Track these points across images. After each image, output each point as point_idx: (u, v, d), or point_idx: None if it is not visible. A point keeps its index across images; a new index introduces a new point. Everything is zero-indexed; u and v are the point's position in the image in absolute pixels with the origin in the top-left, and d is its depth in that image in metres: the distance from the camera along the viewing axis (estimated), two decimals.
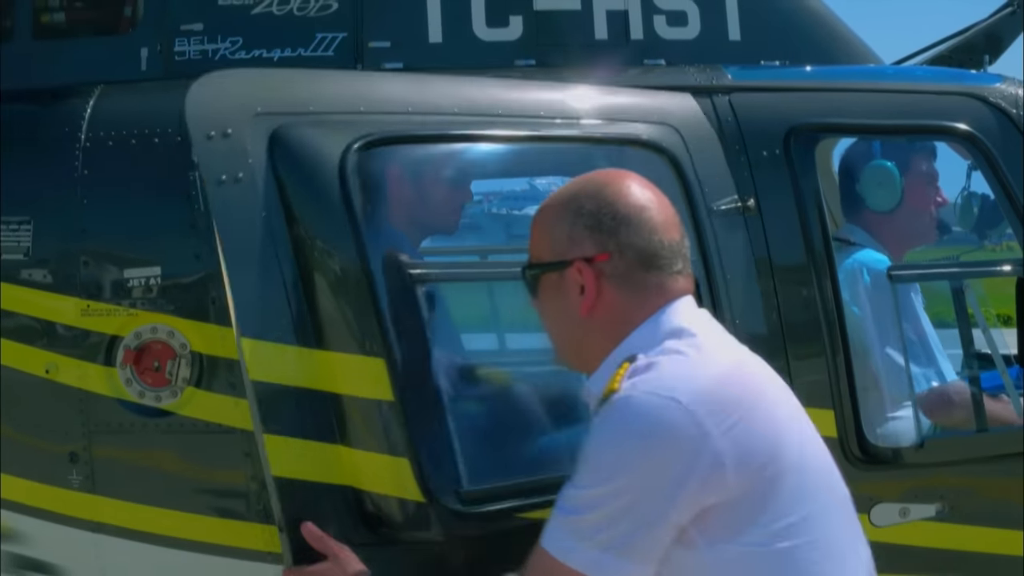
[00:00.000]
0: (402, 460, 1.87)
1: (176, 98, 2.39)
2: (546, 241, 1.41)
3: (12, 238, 2.34)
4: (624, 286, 1.36)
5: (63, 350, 2.31)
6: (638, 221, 1.36)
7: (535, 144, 2.33)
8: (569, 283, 1.38)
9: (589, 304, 1.37)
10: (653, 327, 1.36)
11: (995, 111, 2.50)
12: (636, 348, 1.35)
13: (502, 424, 2.21)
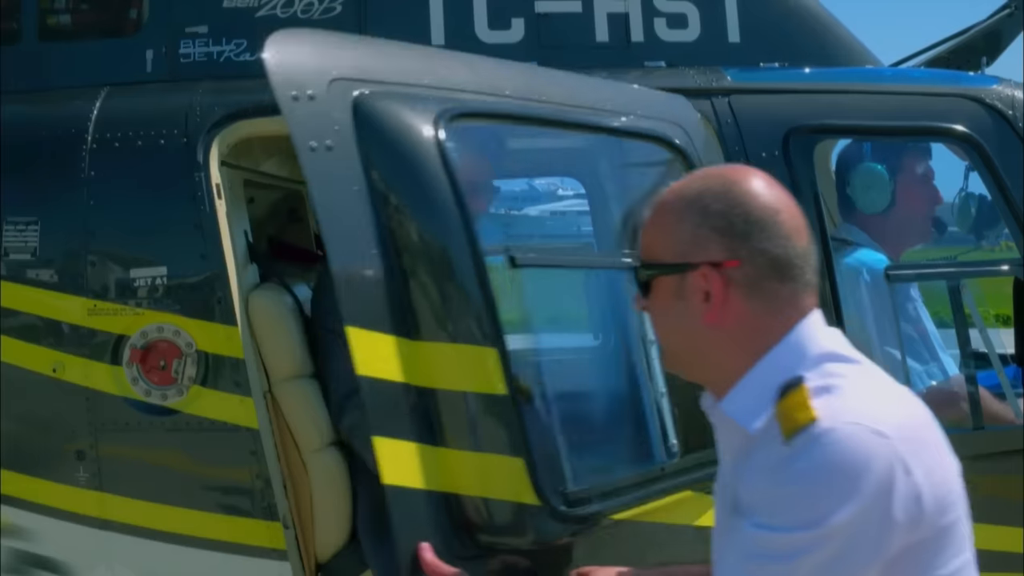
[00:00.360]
0: (516, 460, 1.73)
1: (182, 99, 2.44)
2: (666, 240, 1.28)
3: (19, 238, 2.37)
4: (754, 296, 1.24)
5: (70, 349, 2.34)
6: (772, 225, 1.23)
7: (593, 133, 2.20)
8: (691, 288, 1.25)
9: (715, 312, 1.24)
10: (798, 346, 1.24)
11: (992, 113, 2.53)
12: (788, 368, 1.22)
13: (603, 420, 2.14)
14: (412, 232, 1.76)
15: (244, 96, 2.45)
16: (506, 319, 1.78)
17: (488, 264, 1.77)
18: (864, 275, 2.44)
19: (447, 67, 2.01)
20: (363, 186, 1.73)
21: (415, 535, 1.60)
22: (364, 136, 1.76)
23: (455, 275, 1.76)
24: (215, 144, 2.35)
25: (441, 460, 1.70)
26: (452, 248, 1.76)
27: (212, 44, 2.59)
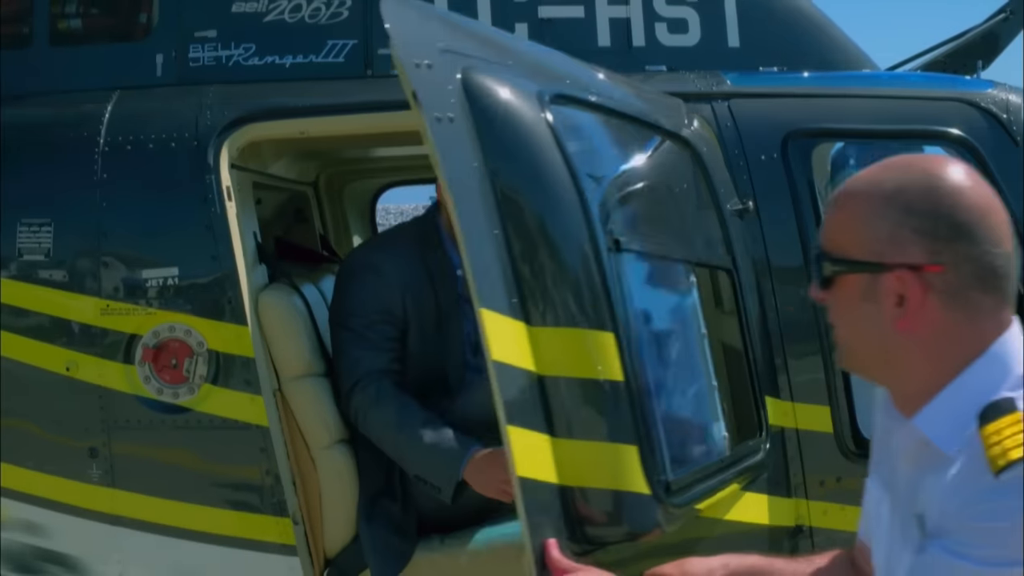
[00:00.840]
0: (631, 448, 1.74)
1: (192, 103, 2.50)
2: (858, 235, 1.17)
3: (33, 239, 2.43)
4: (954, 305, 1.13)
5: (83, 348, 2.40)
6: (980, 228, 1.12)
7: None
8: (884, 290, 1.15)
9: (909, 319, 1.14)
10: (1001, 363, 1.13)
11: (987, 116, 2.59)
12: (990, 388, 1.13)
13: (682, 409, 2.14)
14: (529, 214, 1.75)
15: (253, 100, 2.51)
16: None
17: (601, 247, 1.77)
18: None
19: (526, 51, 2.08)
20: (480, 163, 1.72)
21: (542, 530, 1.59)
22: (476, 111, 1.73)
23: (574, 258, 1.76)
24: (225, 147, 2.41)
25: (563, 451, 1.68)
26: (570, 231, 1.76)
27: (221, 48, 2.64)
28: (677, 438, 1.97)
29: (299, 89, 2.55)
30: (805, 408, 2.37)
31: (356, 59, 2.62)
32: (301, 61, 2.62)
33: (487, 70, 1.81)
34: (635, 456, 1.75)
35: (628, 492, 1.75)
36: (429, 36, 1.78)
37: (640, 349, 1.86)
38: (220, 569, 2.41)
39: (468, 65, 1.78)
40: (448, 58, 1.77)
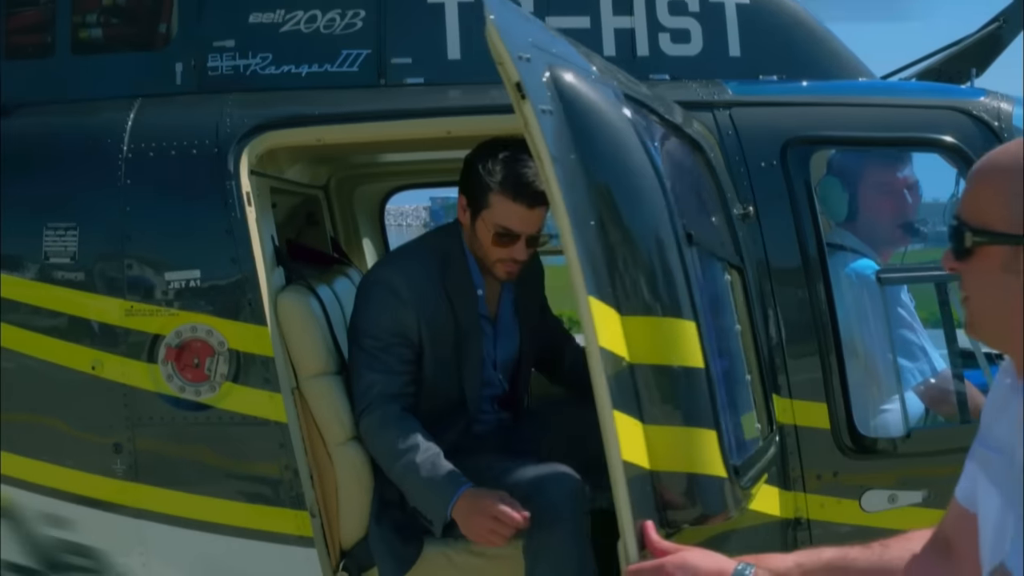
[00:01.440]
0: (711, 432, 1.88)
1: (212, 111, 2.61)
2: (1004, 208, 1.20)
3: (59, 243, 2.54)
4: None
5: (108, 348, 2.51)
6: None
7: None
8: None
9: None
10: None
11: (978, 124, 2.70)
12: None
13: (735, 396, 2.25)
14: (620, 206, 1.90)
15: (271, 108, 2.62)
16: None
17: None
18: (855, 281, 2.62)
19: (583, 50, 2.20)
20: (577, 156, 1.85)
21: (641, 512, 1.72)
22: (567, 106, 1.87)
23: (660, 250, 1.92)
24: (245, 154, 2.52)
25: (652, 436, 1.82)
26: (657, 224, 1.93)
27: (239, 58, 2.75)
28: (734, 425, 2.11)
29: (315, 97, 2.66)
30: (803, 405, 2.49)
31: (370, 68, 2.73)
32: (317, 70, 2.73)
33: (569, 67, 1.97)
34: (714, 440, 1.90)
35: (707, 475, 1.89)
36: (523, 31, 1.92)
37: (710, 338, 2.01)
38: (240, 560, 2.52)
39: (552, 62, 1.92)
40: (538, 54, 1.89)
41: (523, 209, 2.41)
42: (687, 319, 1.92)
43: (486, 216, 2.45)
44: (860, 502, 2.48)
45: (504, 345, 2.66)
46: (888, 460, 2.51)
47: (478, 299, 2.56)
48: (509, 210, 2.42)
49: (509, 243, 2.45)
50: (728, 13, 2.87)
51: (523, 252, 2.47)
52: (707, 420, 1.92)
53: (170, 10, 2.82)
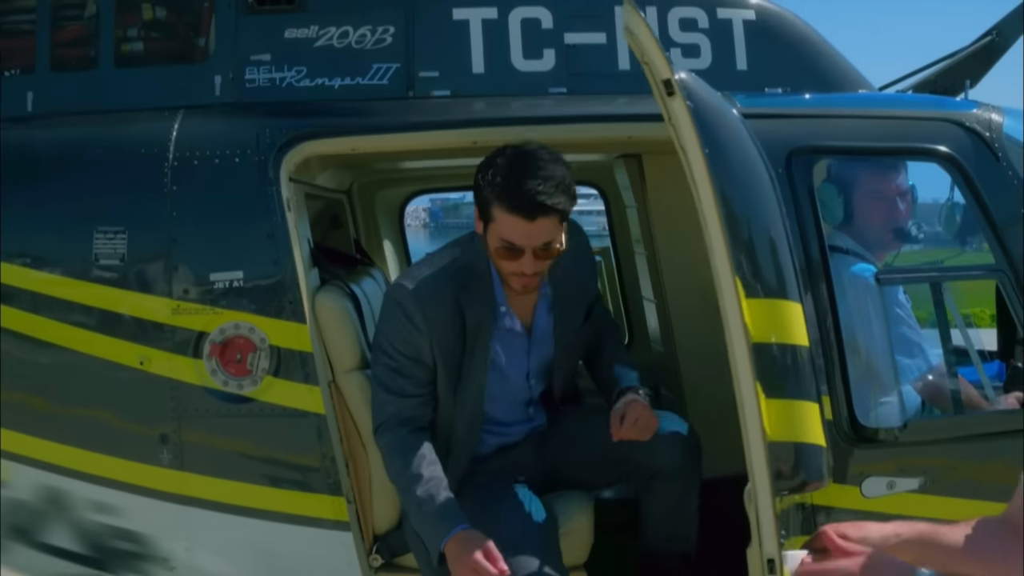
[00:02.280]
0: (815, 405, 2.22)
1: (252, 122, 2.80)
2: None
3: (109, 246, 2.73)
4: None
5: (155, 344, 2.70)
6: None
7: None
8: None
9: None
10: None
11: (971, 134, 2.90)
12: None
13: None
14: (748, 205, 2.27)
15: (306, 119, 2.82)
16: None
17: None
18: (855, 283, 2.82)
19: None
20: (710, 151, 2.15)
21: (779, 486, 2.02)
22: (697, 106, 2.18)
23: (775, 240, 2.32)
24: (285, 162, 2.72)
25: (771, 408, 2.09)
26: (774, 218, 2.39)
27: (275, 71, 2.94)
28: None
29: (349, 109, 2.85)
30: None
31: (399, 81, 2.93)
32: (349, 83, 2.93)
33: (688, 73, 2.31)
34: (817, 412, 2.22)
35: (811, 444, 2.19)
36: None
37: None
38: (279, 543, 2.72)
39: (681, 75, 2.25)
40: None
41: (522, 222, 2.35)
42: (795, 301, 2.26)
43: (492, 229, 2.42)
44: (861, 488, 2.67)
45: (539, 353, 2.66)
46: (886, 449, 2.70)
47: (498, 317, 2.53)
48: (509, 223, 2.37)
49: (515, 256, 2.40)
50: (735, 29, 3.08)
51: (531, 265, 2.40)
52: (812, 394, 2.23)
53: (209, 25, 3.01)
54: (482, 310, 2.50)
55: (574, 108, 2.90)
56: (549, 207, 2.35)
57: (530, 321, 2.61)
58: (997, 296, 3.05)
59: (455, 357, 2.50)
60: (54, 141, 2.84)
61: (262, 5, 2.95)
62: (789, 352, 2.21)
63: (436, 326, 2.46)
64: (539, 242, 2.39)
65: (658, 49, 2.07)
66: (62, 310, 2.73)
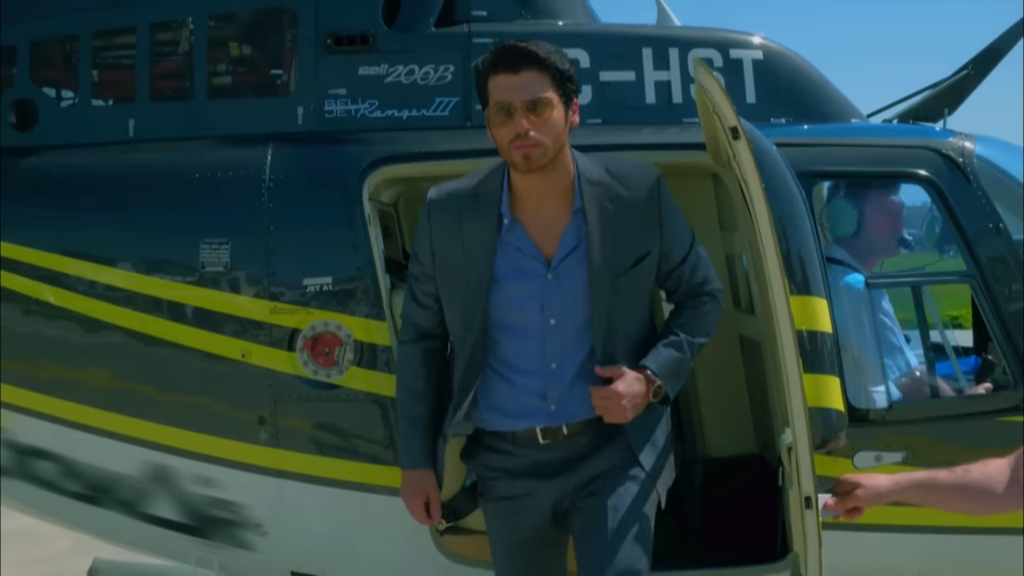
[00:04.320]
0: (836, 379, 2.94)
1: (335, 149, 3.37)
2: None
3: (214, 255, 3.29)
4: None
5: (255, 340, 3.26)
6: None
7: None
8: None
9: None
10: None
11: (947, 160, 3.53)
12: None
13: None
14: (789, 219, 3.04)
15: (384, 146, 3.39)
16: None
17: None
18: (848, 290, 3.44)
19: None
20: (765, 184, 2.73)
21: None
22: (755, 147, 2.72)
23: (809, 250, 3.05)
24: (366, 184, 3.30)
25: (825, 384, 2.90)
26: (806, 230, 3.09)
27: (350, 103, 3.51)
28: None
29: (416, 138, 3.43)
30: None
31: (458, 113, 3.51)
32: (415, 114, 3.50)
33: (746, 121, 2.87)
34: (838, 385, 2.96)
35: (833, 409, 2.94)
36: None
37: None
38: (359, 510, 3.28)
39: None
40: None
41: (508, 76, 2.39)
42: (821, 297, 3.01)
43: (489, 111, 2.44)
44: (853, 460, 3.28)
45: (560, 286, 2.48)
46: (874, 427, 3.32)
47: (502, 228, 2.47)
48: (498, 85, 2.40)
49: (509, 119, 2.39)
50: (745, 67, 3.69)
51: (523, 122, 2.37)
52: (834, 369, 2.99)
53: (291, 62, 3.58)
54: (482, 216, 2.48)
55: (608, 137, 3.48)
56: (532, 54, 2.41)
57: (552, 248, 2.49)
58: (973, 300, 3.69)
59: (456, 266, 2.49)
60: (163, 164, 3.40)
61: (339, 45, 3.52)
62: (819, 337, 2.94)
63: (439, 229, 2.51)
64: (527, 95, 2.39)
65: (727, 101, 2.64)
66: (173, 311, 3.28)
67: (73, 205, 3.42)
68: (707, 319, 2.67)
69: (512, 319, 2.50)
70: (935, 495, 2.28)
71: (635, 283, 2.53)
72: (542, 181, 2.47)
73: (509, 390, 2.53)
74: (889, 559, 3.35)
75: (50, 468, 3.43)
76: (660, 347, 2.56)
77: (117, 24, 3.61)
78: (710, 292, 2.68)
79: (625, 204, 2.51)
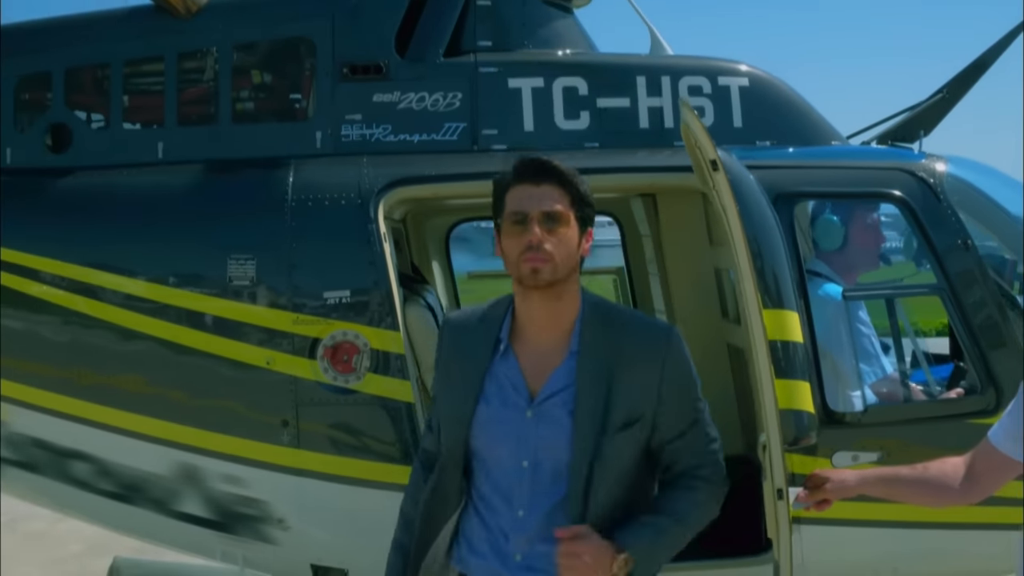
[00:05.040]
0: (807, 384, 3.31)
1: (352, 171, 3.69)
2: None
3: (241, 270, 3.60)
4: None
5: (279, 348, 3.57)
6: None
7: None
8: None
9: None
10: None
11: (919, 180, 3.86)
12: None
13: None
14: (764, 243, 3.47)
15: (396, 168, 3.70)
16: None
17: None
18: (828, 301, 3.75)
19: None
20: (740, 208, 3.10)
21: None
22: (733, 178, 3.18)
23: (782, 267, 3.47)
24: (381, 204, 3.61)
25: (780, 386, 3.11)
26: (779, 250, 3.52)
27: (365, 128, 3.83)
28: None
29: (427, 161, 3.74)
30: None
31: (466, 138, 3.83)
32: (425, 139, 3.82)
33: (725, 152, 3.33)
34: (808, 389, 3.32)
35: (804, 411, 3.29)
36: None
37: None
38: (374, 505, 3.56)
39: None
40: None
41: (528, 187, 2.29)
42: (793, 311, 3.42)
43: (503, 220, 2.32)
44: (832, 460, 3.59)
45: (543, 432, 2.26)
46: (851, 429, 3.63)
47: (496, 352, 2.32)
48: (516, 195, 2.30)
49: (523, 230, 2.27)
50: (732, 93, 4.01)
51: (537, 234, 2.25)
52: (804, 373, 3.34)
53: (310, 89, 3.90)
54: (482, 338, 2.35)
55: (606, 160, 3.81)
56: (554, 168, 2.31)
57: (539, 384, 2.30)
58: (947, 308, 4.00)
59: (450, 387, 2.38)
60: (192, 184, 3.71)
61: (355, 74, 3.83)
62: (791, 346, 3.29)
63: (447, 351, 2.42)
64: (544, 206, 2.27)
65: (707, 137, 3.00)
66: (202, 322, 3.59)
67: (107, 222, 3.72)
68: (700, 507, 2.35)
69: (486, 451, 2.32)
70: (896, 489, 2.58)
71: (623, 448, 2.27)
72: (544, 307, 2.31)
73: (480, 527, 2.32)
74: (868, 552, 3.66)
75: (85, 468, 3.73)
76: (639, 522, 2.27)
77: (146, 53, 3.92)
78: (706, 477, 2.36)
79: (625, 359, 2.29)
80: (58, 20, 4.09)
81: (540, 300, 2.31)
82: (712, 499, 2.39)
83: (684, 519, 2.33)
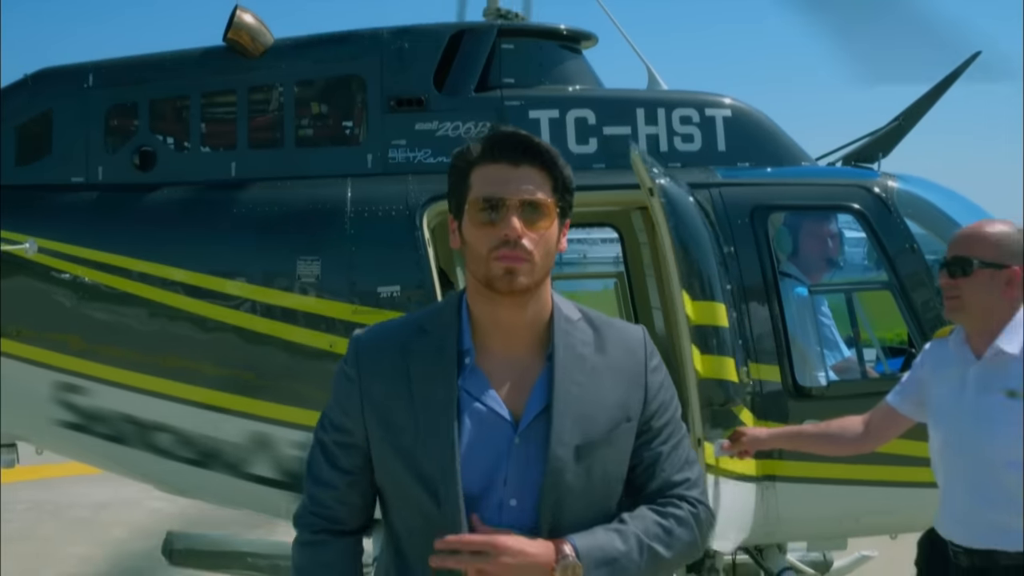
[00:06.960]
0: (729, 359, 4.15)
1: (400, 187, 4.57)
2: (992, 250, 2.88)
3: (308, 269, 4.46)
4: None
5: (340, 334, 4.42)
6: None
7: None
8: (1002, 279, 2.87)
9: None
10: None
11: (873, 195, 4.78)
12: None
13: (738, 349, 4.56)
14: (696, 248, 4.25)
15: (435, 186, 4.57)
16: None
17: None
18: (796, 298, 4.66)
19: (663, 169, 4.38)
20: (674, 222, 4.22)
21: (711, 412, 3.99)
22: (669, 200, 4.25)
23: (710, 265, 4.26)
24: (426, 215, 4.49)
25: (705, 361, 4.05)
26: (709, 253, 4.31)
27: (408, 152, 4.71)
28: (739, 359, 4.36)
29: None
30: (764, 369, 4.51)
31: None
32: None
33: (665, 178, 4.28)
34: (732, 363, 4.16)
35: (727, 380, 4.14)
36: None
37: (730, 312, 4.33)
38: None
39: (657, 178, 4.24)
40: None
41: (506, 167, 1.93)
42: (721, 302, 4.19)
43: (469, 205, 1.96)
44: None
45: (526, 457, 1.94)
46: (816, 402, 4.51)
47: (463, 368, 1.96)
48: (488, 174, 1.95)
49: (497, 220, 1.91)
50: (717, 122, 4.94)
51: (516, 228, 1.90)
52: (729, 352, 4.15)
53: (361, 118, 4.78)
54: (436, 356, 1.97)
55: (611, 179, 4.71)
56: (538, 146, 1.97)
57: (520, 406, 1.97)
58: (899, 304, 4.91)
59: (404, 428, 1.94)
60: (264, 198, 4.58)
61: (400, 106, 4.73)
62: (716, 330, 4.18)
63: (374, 380, 2.00)
64: (525, 194, 1.92)
65: (646, 173, 4.12)
66: (275, 312, 4.44)
67: (191, 229, 4.58)
68: (672, 532, 2.00)
69: (473, 479, 1.93)
70: (800, 442, 3.54)
71: (607, 459, 2.00)
72: (516, 313, 1.98)
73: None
74: (835, 507, 4.53)
75: (168, 439, 4.56)
76: (599, 530, 1.95)
77: (221, 87, 4.80)
78: (689, 499, 2.04)
79: (605, 355, 2.03)
80: (143, 58, 4.96)
81: (511, 305, 1.97)
82: (686, 534, 2.01)
83: (651, 538, 1.97)
